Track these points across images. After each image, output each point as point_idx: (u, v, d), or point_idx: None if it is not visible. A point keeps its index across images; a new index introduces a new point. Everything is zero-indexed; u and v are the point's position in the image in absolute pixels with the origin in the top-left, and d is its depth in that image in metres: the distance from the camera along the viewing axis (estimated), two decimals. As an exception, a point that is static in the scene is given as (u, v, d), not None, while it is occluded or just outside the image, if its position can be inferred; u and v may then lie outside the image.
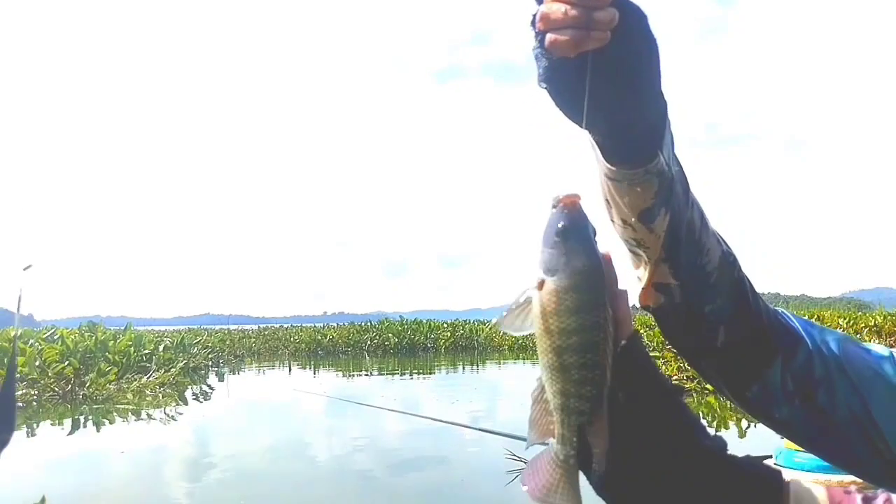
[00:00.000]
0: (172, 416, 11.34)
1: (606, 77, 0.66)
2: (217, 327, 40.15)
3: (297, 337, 31.15)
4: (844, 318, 15.20)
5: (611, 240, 0.84)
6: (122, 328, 19.27)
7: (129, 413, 11.73)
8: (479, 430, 5.03)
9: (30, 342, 15.09)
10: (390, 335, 29.69)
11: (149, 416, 11.45)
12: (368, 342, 29.27)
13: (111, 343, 16.14)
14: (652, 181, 0.75)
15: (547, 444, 0.67)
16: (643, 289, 0.85)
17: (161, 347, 18.22)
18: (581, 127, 0.71)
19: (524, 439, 0.69)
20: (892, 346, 0.90)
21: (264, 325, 41.69)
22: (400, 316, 35.52)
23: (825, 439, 0.86)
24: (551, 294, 0.64)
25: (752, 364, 0.86)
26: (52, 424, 10.54)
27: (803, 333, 0.87)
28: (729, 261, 0.86)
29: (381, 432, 9.27)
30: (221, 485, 6.60)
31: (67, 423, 10.66)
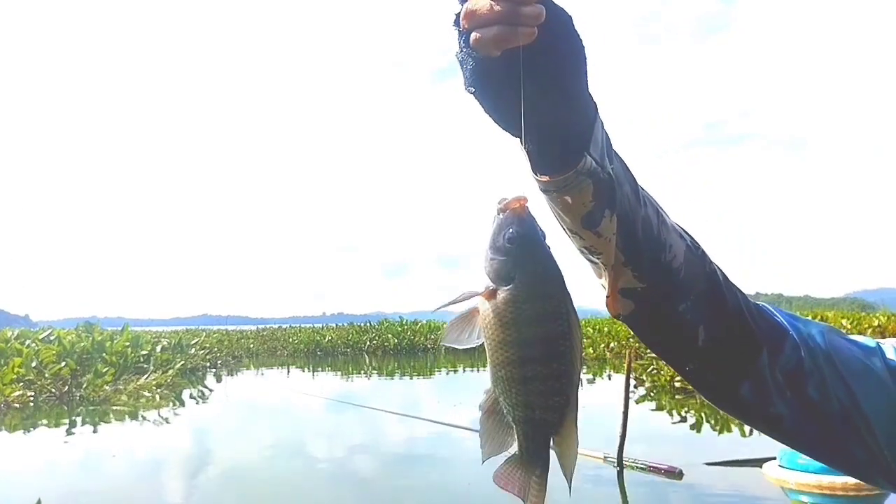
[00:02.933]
0: (169, 418, 11.25)
1: (533, 77, 0.64)
2: (215, 328, 40.05)
3: (295, 338, 31.08)
4: (848, 319, 15.12)
5: (565, 248, 0.81)
6: (119, 329, 19.18)
7: (126, 415, 11.65)
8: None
9: (27, 343, 15.01)
10: (390, 336, 29.63)
11: (145, 417, 11.37)
12: (368, 343, 29.20)
13: (108, 344, 16.05)
14: (584, 183, 0.72)
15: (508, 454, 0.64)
16: (608, 297, 0.81)
17: (158, 348, 18.12)
18: (512, 132, 0.70)
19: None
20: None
21: (262, 326, 41.62)
22: (399, 316, 35.43)
23: (818, 436, 0.84)
24: (507, 304, 0.61)
25: (738, 361, 0.83)
26: (48, 426, 10.47)
27: (788, 326, 0.85)
28: (697, 254, 0.83)
29: (380, 435, 9.19)
30: (219, 487, 6.54)
31: (64, 424, 10.56)
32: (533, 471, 0.63)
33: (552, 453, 0.64)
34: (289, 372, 21.48)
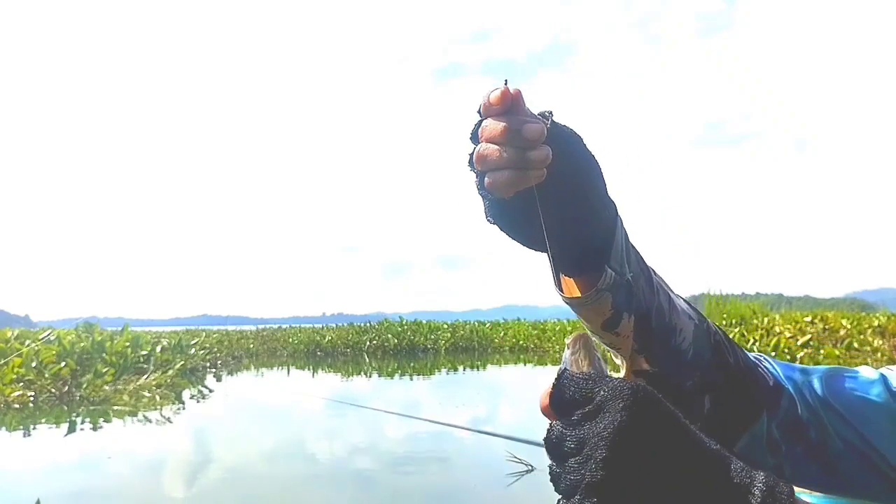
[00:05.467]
0: (170, 418, 11.25)
1: (551, 205, 0.68)
2: (215, 328, 39.92)
3: (295, 338, 31.01)
4: (848, 319, 14.91)
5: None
6: (119, 329, 19.17)
7: (126, 415, 11.64)
8: (481, 432, 5.00)
9: (26, 343, 15.00)
10: (390, 336, 29.61)
11: (146, 417, 11.36)
12: (368, 343, 29.16)
13: (108, 344, 16.04)
14: (604, 297, 0.75)
15: None
16: (625, 375, 0.86)
17: (158, 348, 18.10)
18: (536, 250, 0.73)
19: (525, 441, 0.66)
20: (895, 347, 0.88)
21: (262, 326, 41.53)
22: (399, 317, 35.35)
23: (822, 475, 0.86)
24: None
25: (740, 423, 0.86)
26: (48, 426, 10.46)
27: (784, 381, 0.87)
28: (703, 329, 0.85)
29: (381, 435, 9.19)
30: (219, 487, 6.53)
31: (64, 424, 10.56)
32: None
33: None
34: (289, 372, 21.47)
